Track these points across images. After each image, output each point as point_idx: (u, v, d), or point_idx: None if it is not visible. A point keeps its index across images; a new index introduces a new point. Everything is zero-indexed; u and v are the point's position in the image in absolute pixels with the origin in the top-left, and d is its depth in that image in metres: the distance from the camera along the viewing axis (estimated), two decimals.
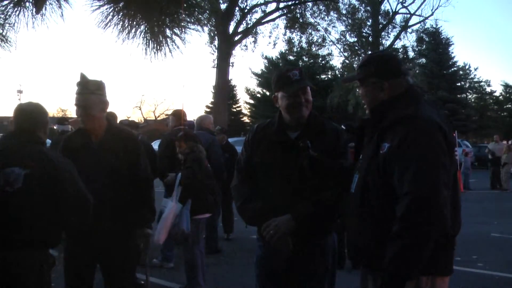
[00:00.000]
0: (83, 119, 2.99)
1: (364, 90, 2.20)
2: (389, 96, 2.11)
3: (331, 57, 36.03)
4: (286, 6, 24.17)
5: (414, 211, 1.83)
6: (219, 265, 5.94)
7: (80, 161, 2.92)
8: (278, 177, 2.53)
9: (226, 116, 22.38)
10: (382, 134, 2.03)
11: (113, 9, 2.60)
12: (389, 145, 1.97)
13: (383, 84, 2.12)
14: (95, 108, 2.95)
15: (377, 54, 2.43)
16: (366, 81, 2.18)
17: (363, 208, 2.04)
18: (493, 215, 10.29)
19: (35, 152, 2.53)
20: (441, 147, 1.93)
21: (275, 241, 2.44)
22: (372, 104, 2.16)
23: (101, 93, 2.99)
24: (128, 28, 2.65)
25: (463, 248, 5.94)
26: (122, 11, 2.61)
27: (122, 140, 3.07)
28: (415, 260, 1.85)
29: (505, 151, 15.45)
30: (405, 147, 1.92)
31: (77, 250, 2.98)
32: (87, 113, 2.95)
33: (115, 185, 2.95)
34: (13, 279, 2.41)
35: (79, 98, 2.95)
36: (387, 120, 2.04)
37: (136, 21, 2.65)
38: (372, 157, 2.03)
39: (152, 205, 3.22)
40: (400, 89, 2.12)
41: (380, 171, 1.98)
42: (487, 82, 43.89)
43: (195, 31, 2.72)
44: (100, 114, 3.00)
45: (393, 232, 1.87)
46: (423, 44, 36.34)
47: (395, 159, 1.94)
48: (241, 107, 46.47)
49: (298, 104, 2.55)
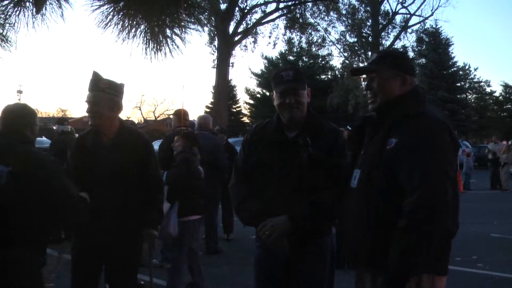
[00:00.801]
0: (89, 116, 3.02)
1: (379, 81, 2.15)
2: (405, 91, 2.11)
3: (331, 57, 36.14)
4: (286, 6, 24.19)
5: (424, 207, 1.84)
6: (219, 265, 5.94)
7: (90, 160, 2.97)
8: (275, 177, 2.53)
9: (226, 116, 22.39)
10: (389, 129, 2.04)
11: (113, 9, 2.60)
12: (397, 141, 1.98)
13: (405, 78, 2.13)
14: (102, 106, 2.97)
15: (395, 50, 2.45)
16: (384, 72, 2.15)
17: (366, 204, 2.04)
18: (493, 215, 10.30)
19: (21, 151, 2.53)
20: (449, 145, 1.96)
21: (271, 242, 2.44)
22: (387, 96, 2.13)
23: (112, 92, 3.00)
24: (128, 28, 2.64)
25: (463, 248, 5.96)
26: (122, 11, 2.61)
27: (133, 141, 3.08)
28: (423, 256, 1.85)
29: (505, 151, 15.46)
30: (415, 143, 1.93)
31: (84, 249, 3.00)
32: (93, 110, 2.98)
33: (123, 185, 2.96)
34: None
35: (88, 94, 3.00)
36: (394, 116, 2.05)
37: (136, 21, 2.65)
38: (377, 152, 2.04)
39: (159, 207, 3.23)
40: (410, 87, 2.14)
41: (386, 167, 1.98)
42: (487, 82, 43.97)
43: (195, 31, 2.72)
44: (109, 113, 3.00)
45: (399, 228, 1.87)
46: (423, 44, 36.40)
47: (403, 154, 1.94)
48: (241, 107, 46.52)
49: (287, 105, 2.54)
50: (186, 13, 2.69)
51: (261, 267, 2.67)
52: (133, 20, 2.66)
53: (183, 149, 4.59)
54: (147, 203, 3.09)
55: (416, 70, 2.27)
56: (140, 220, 3.05)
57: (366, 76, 2.25)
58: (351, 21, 26.76)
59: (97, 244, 2.94)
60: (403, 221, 1.87)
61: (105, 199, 2.93)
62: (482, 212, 10.43)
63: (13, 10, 2.65)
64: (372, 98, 2.19)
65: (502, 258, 6.42)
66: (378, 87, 2.16)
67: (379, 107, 2.16)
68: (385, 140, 2.02)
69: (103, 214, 2.92)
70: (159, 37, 2.68)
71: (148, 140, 3.28)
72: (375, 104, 2.18)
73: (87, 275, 3.01)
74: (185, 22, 2.69)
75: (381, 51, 2.68)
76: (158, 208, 3.20)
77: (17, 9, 2.65)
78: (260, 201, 2.54)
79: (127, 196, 2.97)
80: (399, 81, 2.13)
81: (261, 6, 23.60)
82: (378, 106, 2.17)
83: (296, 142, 2.54)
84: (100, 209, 2.92)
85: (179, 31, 2.68)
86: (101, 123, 3.01)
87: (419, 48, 36.53)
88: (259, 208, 2.52)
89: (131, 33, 2.67)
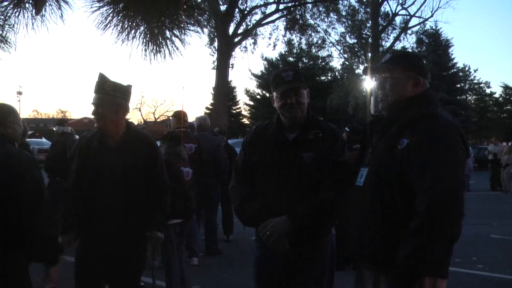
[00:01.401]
0: (94, 118, 3.02)
1: (392, 82, 2.16)
2: (417, 93, 2.12)
3: (331, 58, 36.22)
4: (286, 7, 24.21)
5: (437, 207, 1.85)
6: (219, 266, 5.94)
7: (96, 162, 2.96)
8: (275, 178, 2.53)
9: (226, 117, 22.39)
10: (400, 129, 2.04)
11: (112, 10, 2.60)
12: (409, 141, 1.98)
13: (419, 79, 2.14)
14: (106, 108, 2.96)
15: (409, 52, 2.46)
16: (398, 73, 2.15)
17: (374, 202, 2.04)
18: (493, 216, 10.30)
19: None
20: (461, 147, 1.97)
21: (272, 242, 2.44)
22: (399, 97, 2.14)
23: (118, 95, 2.99)
24: (128, 29, 2.65)
25: (463, 250, 5.95)
26: (121, 12, 2.61)
27: (139, 143, 3.07)
28: (433, 256, 1.85)
29: (506, 152, 15.44)
30: (428, 143, 1.94)
31: (87, 252, 2.99)
32: (98, 112, 2.97)
33: (129, 188, 2.95)
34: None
35: (94, 96, 3.00)
36: (406, 117, 2.05)
37: (135, 22, 2.65)
38: (387, 152, 2.04)
39: (165, 209, 3.21)
40: (422, 89, 2.14)
41: (397, 166, 1.99)
42: (486, 84, 43.90)
43: (195, 32, 2.72)
44: (114, 116, 2.98)
45: (411, 227, 1.87)
46: (423, 45, 36.39)
47: (415, 154, 1.95)
48: (241, 108, 46.52)
49: (288, 105, 2.54)
50: (186, 15, 2.69)
51: (261, 268, 2.67)
52: (133, 22, 2.66)
53: (165, 151, 4.55)
54: (152, 205, 3.08)
55: (428, 72, 2.28)
56: (145, 223, 3.04)
57: (378, 76, 2.25)
58: (351, 22, 26.76)
59: (101, 247, 2.93)
60: (414, 221, 1.88)
61: (110, 202, 2.93)
62: (482, 213, 10.41)
63: (12, 11, 2.65)
64: (383, 97, 2.20)
65: (502, 260, 6.41)
66: (391, 87, 2.16)
67: (390, 107, 2.16)
68: (397, 140, 2.02)
69: (107, 216, 2.91)
70: (159, 39, 2.68)
71: (154, 143, 3.27)
72: (385, 103, 2.18)
73: (90, 279, 3.00)
74: (184, 24, 2.70)
75: (395, 51, 2.71)
76: (163, 211, 3.19)
77: (17, 10, 2.65)
78: (260, 202, 2.54)
79: (132, 199, 2.96)
80: (411, 82, 2.14)
81: (261, 8, 23.67)
82: (389, 106, 2.17)
83: (295, 144, 2.55)
84: (104, 212, 2.92)
85: (179, 33, 2.68)
86: (106, 126, 3.00)
87: (419, 49, 36.49)
88: (260, 208, 2.52)
89: (130, 34, 2.67)
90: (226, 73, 21.65)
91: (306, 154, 2.51)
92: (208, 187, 6.31)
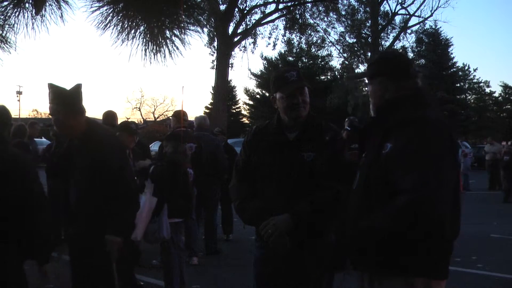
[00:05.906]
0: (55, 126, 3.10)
1: (371, 89, 2.19)
2: (393, 97, 2.11)
3: (330, 58, 36.31)
4: (286, 7, 24.21)
5: (410, 209, 1.80)
6: (219, 266, 5.95)
7: (69, 163, 3.11)
8: (276, 177, 2.54)
9: (226, 117, 22.39)
10: (386, 134, 2.03)
11: (112, 10, 2.60)
12: (392, 146, 1.97)
13: (388, 85, 2.12)
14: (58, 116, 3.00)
15: (387, 54, 2.43)
16: (374, 80, 2.17)
17: (362, 206, 2.04)
18: (493, 216, 10.31)
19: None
20: (447, 149, 1.94)
21: (273, 240, 2.45)
22: (376, 102, 2.16)
23: (67, 102, 2.99)
24: (128, 29, 2.65)
25: (462, 249, 5.95)
26: (121, 12, 2.61)
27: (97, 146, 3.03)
28: (416, 258, 1.85)
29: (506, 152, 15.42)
30: (410, 148, 1.91)
31: None
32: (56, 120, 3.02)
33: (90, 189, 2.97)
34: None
35: (49, 107, 3.05)
36: (392, 121, 2.04)
37: (135, 22, 2.65)
38: (375, 156, 2.04)
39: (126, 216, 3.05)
40: (407, 91, 2.10)
41: (382, 171, 1.98)
42: (486, 83, 43.84)
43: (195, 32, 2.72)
44: (71, 121, 3.01)
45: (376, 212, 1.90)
46: (422, 45, 36.44)
47: (397, 159, 1.93)
48: (241, 108, 46.51)
49: (295, 105, 2.56)
50: (186, 14, 2.69)
51: (261, 268, 2.67)
52: (133, 21, 2.66)
53: (174, 150, 4.54)
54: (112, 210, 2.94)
55: (416, 71, 2.23)
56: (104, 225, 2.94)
57: None
58: (351, 21, 26.82)
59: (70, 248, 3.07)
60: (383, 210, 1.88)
61: (78, 203, 3.01)
62: (482, 212, 10.43)
63: (12, 11, 2.64)
64: (371, 101, 2.22)
65: (502, 259, 6.42)
66: (371, 93, 2.20)
67: (376, 110, 2.18)
68: (382, 145, 2.02)
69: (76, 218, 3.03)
70: (159, 38, 2.68)
71: (114, 145, 3.17)
72: (373, 107, 2.21)
73: None
74: (184, 23, 2.69)
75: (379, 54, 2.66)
76: (122, 217, 3.01)
77: (17, 10, 2.64)
78: (261, 201, 2.56)
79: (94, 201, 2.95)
80: (384, 87, 2.13)
81: (261, 7, 23.67)
82: (375, 110, 2.19)
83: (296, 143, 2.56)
84: (75, 213, 3.03)
85: (179, 32, 2.68)
86: (66, 131, 3.11)
87: (419, 48, 36.56)
88: (260, 207, 2.54)
89: (130, 34, 2.67)
90: (225, 73, 21.65)
91: (307, 154, 2.52)
92: (208, 187, 6.32)
